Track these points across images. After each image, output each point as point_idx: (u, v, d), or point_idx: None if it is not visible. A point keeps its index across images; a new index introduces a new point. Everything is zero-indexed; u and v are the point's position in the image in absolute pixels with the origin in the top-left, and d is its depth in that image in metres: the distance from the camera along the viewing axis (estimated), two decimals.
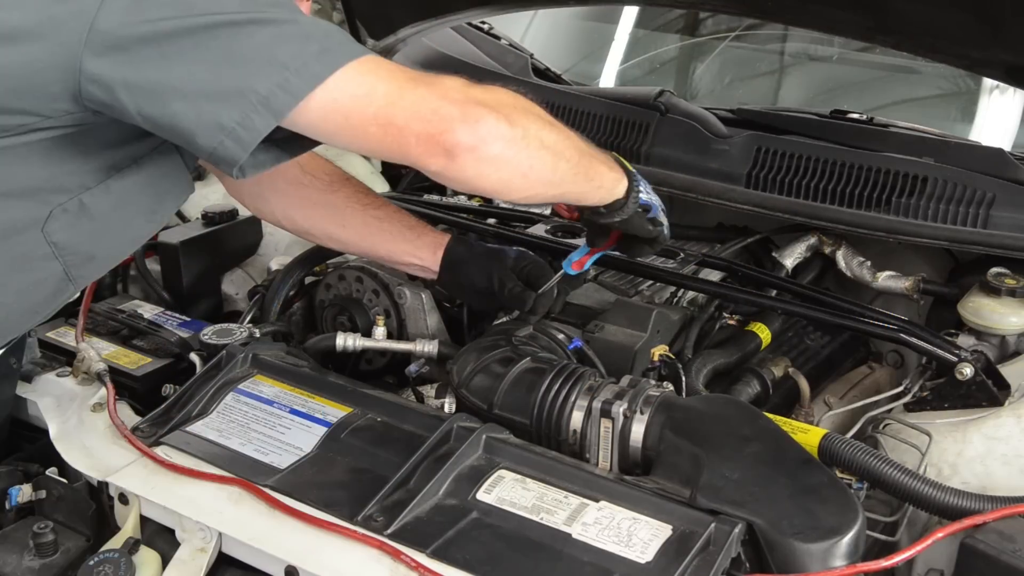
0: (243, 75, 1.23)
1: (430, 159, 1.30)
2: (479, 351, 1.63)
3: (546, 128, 1.38)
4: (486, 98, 1.32)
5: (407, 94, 1.28)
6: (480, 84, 1.36)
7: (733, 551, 1.25)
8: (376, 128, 1.28)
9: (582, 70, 2.74)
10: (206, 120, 1.24)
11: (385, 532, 1.31)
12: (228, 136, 1.24)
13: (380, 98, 1.27)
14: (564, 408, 1.49)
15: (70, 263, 1.42)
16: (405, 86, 1.29)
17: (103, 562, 1.35)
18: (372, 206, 1.82)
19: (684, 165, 2.08)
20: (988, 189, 1.83)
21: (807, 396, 1.75)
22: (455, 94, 1.30)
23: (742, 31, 2.63)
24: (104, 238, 1.46)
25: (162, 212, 1.55)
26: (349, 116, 1.27)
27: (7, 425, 1.68)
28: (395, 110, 1.27)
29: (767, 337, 1.84)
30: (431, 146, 1.28)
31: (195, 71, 1.23)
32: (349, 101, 1.26)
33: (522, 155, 1.34)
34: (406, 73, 1.31)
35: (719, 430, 1.41)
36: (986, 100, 2.33)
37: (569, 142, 1.43)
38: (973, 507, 1.31)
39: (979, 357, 1.64)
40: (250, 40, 1.24)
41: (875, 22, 1.91)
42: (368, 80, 1.27)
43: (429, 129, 1.28)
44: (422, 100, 1.28)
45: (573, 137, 1.45)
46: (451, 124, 1.28)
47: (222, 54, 1.23)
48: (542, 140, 1.36)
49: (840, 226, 1.93)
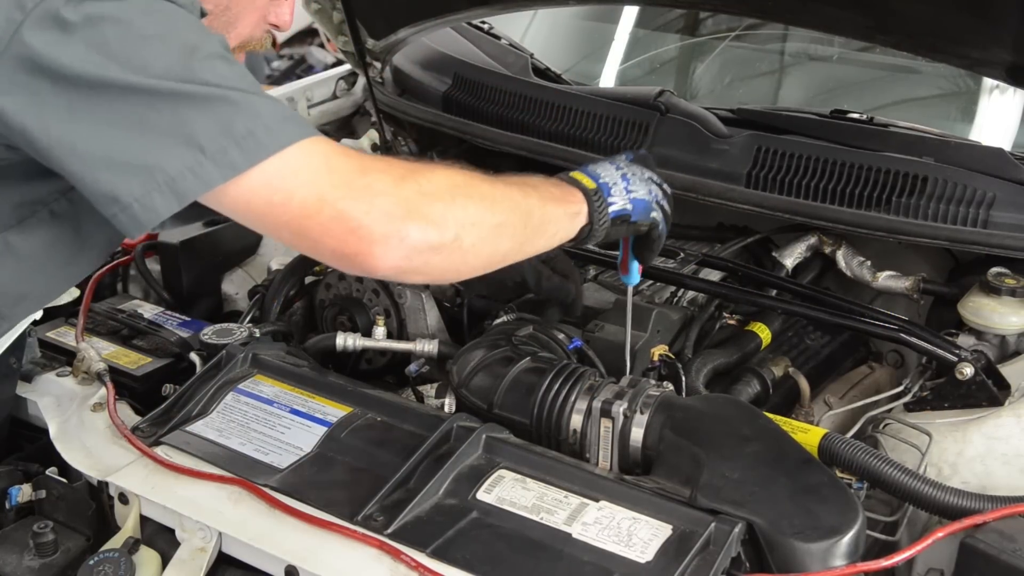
0: (153, 149, 1.13)
1: (348, 270, 1.26)
2: (479, 351, 1.63)
3: (485, 213, 1.28)
4: (418, 202, 1.21)
5: (325, 207, 1.17)
6: (420, 170, 1.26)
7: (733, 551, 1.25)
8: (289, 234, 1.21)
9: (582, 70, 2.74)
10: (102, 189, 1.14)
11: (385, 532, 1.31)
12: (123, 211, 1.15)
13: (296, 207, 1.17)
14: (564, 408, 1.49)
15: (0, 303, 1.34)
16: (327, 195, 1.18)
17: (103, 562, 1.35)
18: None
19: (684, 165, 2.08)
20: (988, 189, 1.83)
21: (807, 396, 1.75)
22: (382, 206, 1.19)
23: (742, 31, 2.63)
24: (35, 276, 1.37)
25: (100, 244, 1.43)
26: (262, 216, 1.20)
27: (7, 425, 1.68)
28: (310, 223, 1.18)
29: (767, 337, 1.84)
30: (348, 262, 1.22)
31: (102, 133, 1.13)
32: (263, 204, 1.18)
33: (454, 256, 1.25)
34: (336, 171, 1.20)
35: (719, 430, 1.41)
36: (986, 100, 2.33)
37: (511, 214, 1.33)
38: (973, 507, 1.31)
39: (979, 357, 1.64)
40: (170, 111, 1.13)
41: (875, 22, 1.91)
42: (288, 183, 1.17)
43: (345, 249, 1.19)
44: (340, 218, 1.18)
45: (516, 200, 1.34)
46: (369, 247, 1.18)
47: (136, 120, 1.13)
48: (479, 233, 1.27)
49: (840, 226, 1.93)
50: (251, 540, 1.34)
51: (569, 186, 1.45)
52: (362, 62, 2.53)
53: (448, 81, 2.45)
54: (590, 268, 2.01)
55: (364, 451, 1.47)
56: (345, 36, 2.50)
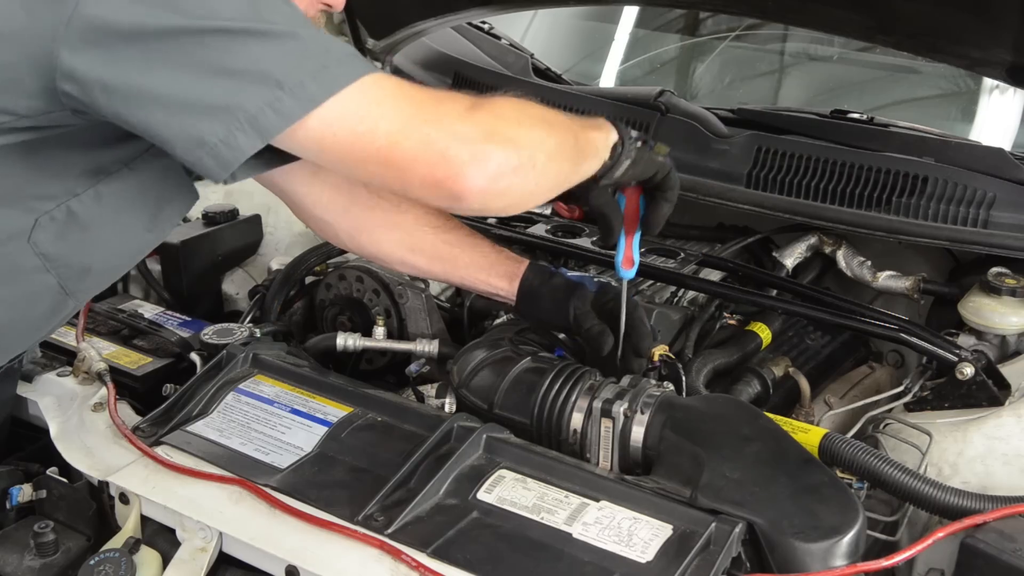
0: (232, 89, 1.15)
1: (435, 199, 1.26)
2: (479, 351, 1.63)
3: (548, 135, 1.32)
4: (493, 125, 1.25)
5: (412, 133, 1.20)
6: (484, 100, 1.28)
7: (734, 551, 1.25)
8: (376, 166, 1.21)
9: (582, 70, 2.74)
10: (186, 133, 1.16)
11: (385, 532, 1.31)
12: (208, 153, 1.16)
13: (382, 136, 1.19)
14: (564, 408, 1.49)
15: (64, 276, 1.35)
16: (410, 122, 1.20)
17: (103, 562, 1.35)
18: (443, 229, 1.70)
19: (684, 165, 2.07)
20: (988, 189, 1.83)
21: (807, 396, 1.76)
22: (463, 131, 1.22)
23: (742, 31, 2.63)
24: (99, 249, 1.38)
25: (163, 221, 1.45)
26: (347, 149, 1.20)
27: (7, 425, 1.68)
28: (398, 151, 1.19)
29: (767, 337, 1.84)
30: (437, 190, 1.22)
31: (179, 79, 1.14)
32: (348, 135, 1.19)
33: (529, 178, 1.27)
34: (412, 100, 1.22)
35: (719, 430, 1.41)
36: (986, 100, 2.33)
37: (566, 135, 1.36)
38: (973, 507, 1.31)
39: (979, 357, 1.64)
40: (243, 51, 1.15)
41: (875, 22, 1.91)
42: (371, 112, 1.19)
43: (436, 173, 1.20)
44: (428, 142, 1.20)
45: (566, 124, 1.38)
46: (459, 169, 1.20)
47: (211, 63, 1.15)
48: (547, 152, 1.30)
49: (840, 226, 1.93)
50: (252, 540, 1.34)
51: (601, 121, 1.47)
52: None
53: (448, 81, 2.45)
54: (590, 268, 2.01)
55: (364, 451, 1.47)
56: (345, 36, 2.50)
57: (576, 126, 1.41)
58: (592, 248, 1.92)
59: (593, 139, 1.43)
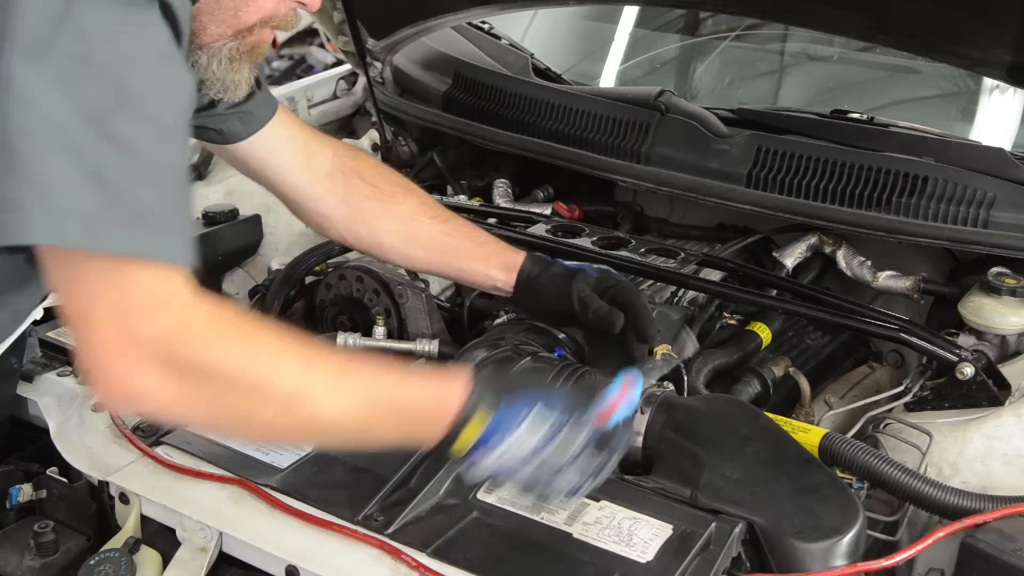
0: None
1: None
2: (480, 351, 1.63)
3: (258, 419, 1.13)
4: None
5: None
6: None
7: (734, 551, 1.25)
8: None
9: (582, 70, 2.74)
10: None
11: (386, 532, 1.31)
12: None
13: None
14: None
15: None
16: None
17: (104, 561, 1.35)
18: (439, 219, 1.70)
19: (684, 165, 2.08)
20: (988, 189, 1.83)
21: (807, 396, 1.76)
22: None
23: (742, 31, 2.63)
24: None
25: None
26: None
27: (8, 425, 1.68)
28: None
29: (767, 337, 1.84)
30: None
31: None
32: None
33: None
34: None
35: (719, 430, 1.41)
36: (986, 100, 2.33)
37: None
38: (973, 507, 1.31)
39: (979, 357, 1.64)
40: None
41: (875, 22, 1.92)
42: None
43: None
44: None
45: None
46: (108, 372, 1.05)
47: None
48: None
49: (841, 226, 1.93)
50: (252, 540, 1.34)
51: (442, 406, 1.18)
52: (362, 62, 2.53)
53: (448, 81, 2.46)
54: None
55: (364, 451, 1.47)
56: (345, 36, 2.51)
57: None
58: (592, 248, 1.92)
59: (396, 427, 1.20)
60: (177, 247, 1.07)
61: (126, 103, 1.04)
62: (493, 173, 2.43)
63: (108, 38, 1.04)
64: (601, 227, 2.06)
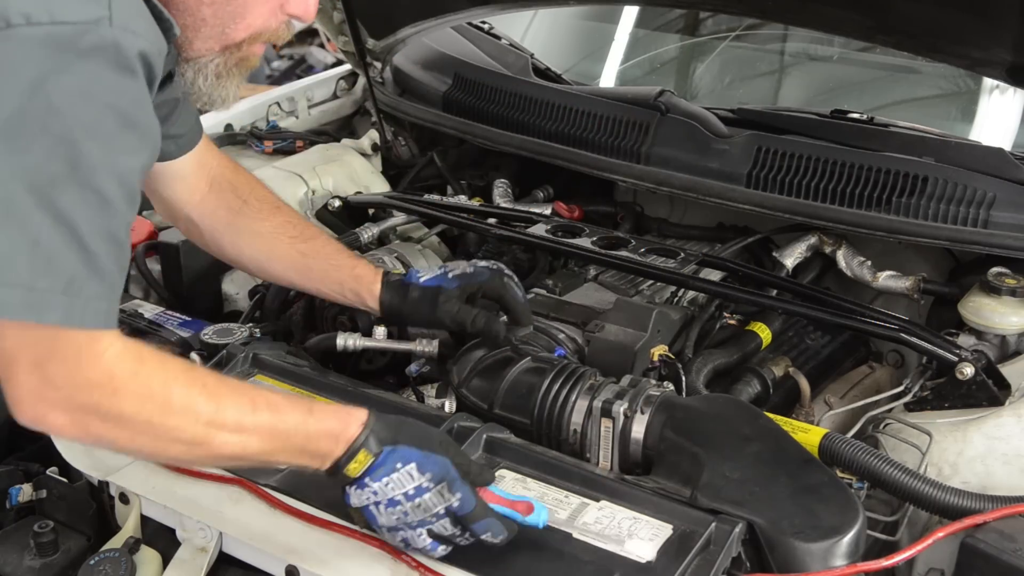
0: None
1: None
2: (479, 351, 1.63)
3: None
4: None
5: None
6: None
7: (733, 551, 1.25)
8: None
9: (582, 70, 2.74)
10: None
11: None
12: None
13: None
14: (565, 408, 1.49)
15: None
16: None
17: (104, 561, 1.35)
18: (300, 239, 1.72)
19: (684, 165, 2.08)
20: (988, 189, 1.83)
21: (807, 396, 1.76)
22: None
23: (742, 31, 2.63)
24: None
25: None
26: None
27: (7, 425, 1.68)
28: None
29: (767, 337, 1.84)
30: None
31: None
32: None
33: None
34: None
35: (720, 430, 1.41)
36: (986, 100, 2.33)
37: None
38: (973, 507, 1.31)
39: (979, 357, 1.64)
40: None
41: (875, 22, 1.92)
42: None
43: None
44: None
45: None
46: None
47: None
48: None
49: (841, 226, 1.93)
50: (252, 540, 1.34)
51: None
52: (362, 62, 2.53)
53: (448, 81, 2.46)
54: (590, 268, 2.01)
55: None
56: (345, 36, 2.51)
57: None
58: (592, 248, 1.92)
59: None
60: (101, 314, 1.12)
61: (75, 174, 1.07)
62: (493, 173, 2.43)
63: (72, 110, 1.08)
64: (601, 227, 2.06)
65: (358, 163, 2.44)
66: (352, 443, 1.24)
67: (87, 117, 1.09)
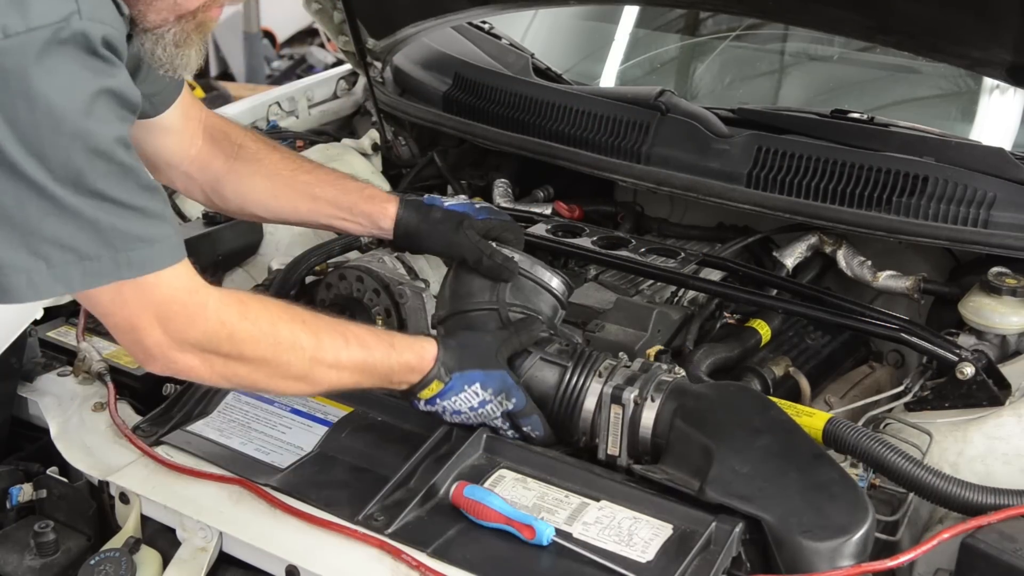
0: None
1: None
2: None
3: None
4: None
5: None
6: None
7: (734, 551, 1.25)
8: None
9: (582, 70, 2.74)
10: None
11: (386, 531, 1.31)
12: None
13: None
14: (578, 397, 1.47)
15: None
16: None
17: (104, 561, 1.35)
18: (302, 171, 1.70)
19: (685, 165, 2.08)
20: (989, 189, 1.83)
21: (808, 395, 1.76)
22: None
23: (742, 31, 2.63)
24: None
25: None
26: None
27: (8, 424, 1.68)
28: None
29: (767, 333, 1.84)
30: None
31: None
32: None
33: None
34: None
35: (730, 420, 1.40)
36: (986, 100, 2.33)
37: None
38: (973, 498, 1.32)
39: (980, 357, 1.64)
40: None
41: (876, 22, 1.91)
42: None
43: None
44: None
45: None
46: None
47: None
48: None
49: (841, 225, 1.93)
50: (252, 540, 1.34)
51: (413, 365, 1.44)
52: (363, 62, 2.53)
53: (449, 81, 2.45)
54: (591, 268, 2.01)
55: (365, 451, 1.47)
56: (345, 36, 2.51)
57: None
58: (592, 248, 1.92)
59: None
60: (177, 248, 1.27)
61: (94, 159, 1.18)
62: (493, 173, 2.43)
63: (71, 105, 1.16)
64: (601, 227, 2.06)
65: (358, 163, 2.44)
66: (426, 375, 1.42)
67: (83, 105, 1.16)
